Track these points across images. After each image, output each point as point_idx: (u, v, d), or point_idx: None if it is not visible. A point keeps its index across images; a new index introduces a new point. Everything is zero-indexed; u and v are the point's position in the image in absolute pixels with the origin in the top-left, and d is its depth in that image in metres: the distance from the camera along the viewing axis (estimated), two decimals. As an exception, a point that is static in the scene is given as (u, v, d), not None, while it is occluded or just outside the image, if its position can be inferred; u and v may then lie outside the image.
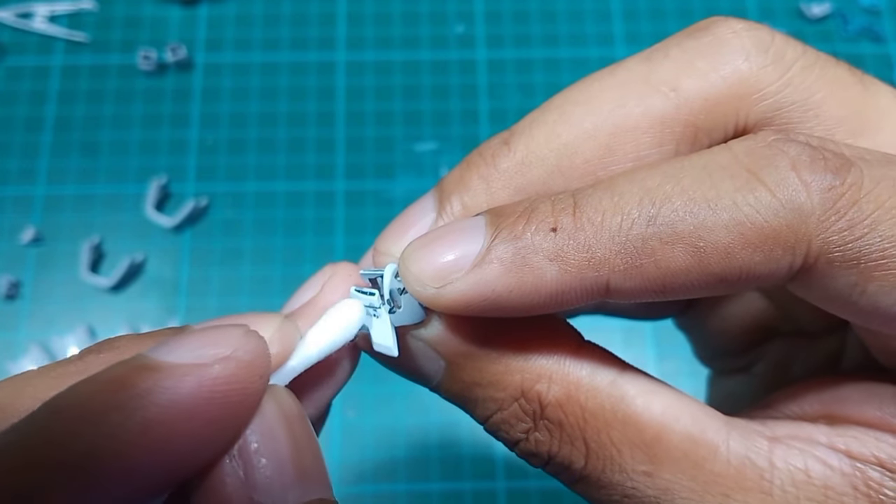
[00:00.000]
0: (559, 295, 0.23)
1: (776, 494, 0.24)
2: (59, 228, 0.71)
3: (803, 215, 0.22)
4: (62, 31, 0.77)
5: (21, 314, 0.68)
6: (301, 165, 0.73)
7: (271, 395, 0.23)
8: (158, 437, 0.19)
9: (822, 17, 0.78)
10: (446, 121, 0.75)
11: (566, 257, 0.23)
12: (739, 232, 0.22)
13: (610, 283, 0.23)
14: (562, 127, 0.27)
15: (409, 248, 0.25)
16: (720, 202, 0.22)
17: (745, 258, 0.22)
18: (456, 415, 0.66)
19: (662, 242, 0.22)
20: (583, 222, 0.23)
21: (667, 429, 0.24)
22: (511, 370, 0.25)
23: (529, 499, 0.63)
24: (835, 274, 0.22)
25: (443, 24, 0.79)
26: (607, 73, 0.28)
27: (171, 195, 0.72)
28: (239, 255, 0.70)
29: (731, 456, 0.24)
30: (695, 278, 0.23)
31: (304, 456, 0.22)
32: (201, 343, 0.21)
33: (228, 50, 0.78)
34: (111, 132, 0.74)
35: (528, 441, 0.25)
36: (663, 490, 0.24)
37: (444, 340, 0.26)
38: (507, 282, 0.23)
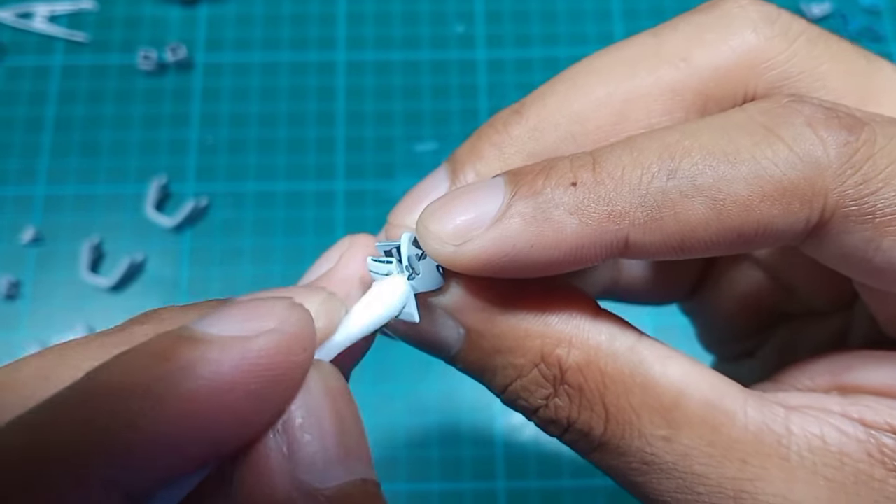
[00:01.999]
0: (579, 250, 0.23)
1: (793, 460, 0.24)
2: (59, 228, 0.71)
3: (820, 169, 0.22)
4: (62, 31, 0.77)
5: (21, 314, 0.68)
6: (301, 165, 0.73)
7: (317, 371, 0.22)
8: (201, 409, 0.19)
9: (823, 17, 0.78)
10: (446, 121, 0.75)
11: (586, 210, 0.23)
12: (758, 185, 0.22)
13: (629, 238, 0.23)
14: (574, 95, 0.27)
15: (427, 209, 0.25)
16: (739, 156, 0.22)
17: (764, 211, 0.22)
18: (456, 415, 0.66)
19: (682, 195, 0.22)
20: (602, 177, 0.23)
21: (685, 394, 0.24)
22: (531, 335, 0.25)
23: (529, 499, 0.63)
24: (850, 229, 0.23)
25: (443, 24, 0.79)
26: (617, 47, 0.28)
27: (171, 195, 0.72)
28: (239, 255, 0.70)
29: (748, 422, 0.24)
30: (713, 232, 0.23)
31: (349, 434, 0.21)
32: (246, 315, 0.21)
33: (228, 50, 0.78)
34: (111, 132, 0.74)
35: (548, 408, 0.25)
36: (682, 455, 0.24)
37: (463, 306, 0.25)
38: (528, 236, 0.23)
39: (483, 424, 0.65)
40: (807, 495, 0.24)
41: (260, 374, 0.20)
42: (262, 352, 0.20)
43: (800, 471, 0.24)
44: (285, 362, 0.21)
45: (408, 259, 0.25)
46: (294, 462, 0.20)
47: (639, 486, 0.25)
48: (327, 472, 0.20)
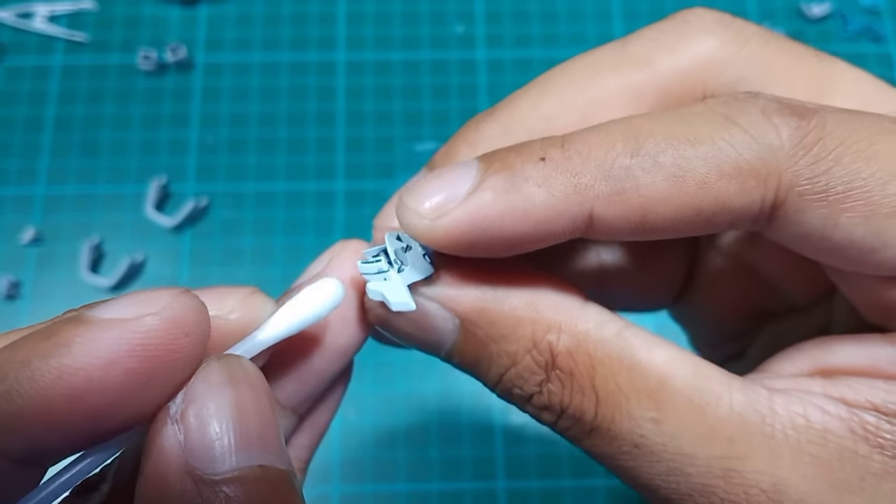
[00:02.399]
0: (546, 222, 0.24)
1: (778, 438, 0.25)
2: (59, 228, 0.71)
3: (773, 150, 0.24)
4: (62, 31, 0.77)
5: (21, 314, 0.68)
6: (301, 165, 0.73)
7: (219, 361, 0.23)
8: (75, 384, 0.20)
9: (823, 17, 0.78)
10: (446, 121, 0.75)
11: (553, 183, 0.24)
12: (716, 163, 0.24)
13: (594, 211, 0.24)
14: (543, 97, 0.30)
15: (404, 189, 0.26)
16: (698, 138, 0.24)
17: (721, 189, 0.24)
18: (456, 415, 0.66)
19: (644, 171, 0.24)
20: (570, 153, 0.25)
21: (671, 377, 0.25)
22: (522, 322, 0.26)
23: (529, 499, 0.63)
24: (806, 207, 0.24)
25: (443, 25, 0.79)
26: (587, 53, 0.30)
27: (171, 195, 0.72)
28: (239, 254, 0.70)
29: (733, 403, 0.25)
30: (673, 208, 0.24)
31: (249, 422, 0.22)
32: (135, 301, 0.22)
33: (228, 50, 0.78)
34: (111, 132, 0.74)
35: (542, 394, 0.26)
36: (671, 436, 0.25)
37: (456, 295, 0.26)
38: (499, 207, 0.24)
39: (483, 424, 0.65)
40: (792, 472, 0.24)
41: (137, 354, 0.21)
42: (139, 333, 0.21)
43: (784, 448, 0.24)
44: (164, 345, 0.22)
45: (394, 252, 0.26)
46: (187, 449, 0.21)
47: (631, 470, 0.26)
48: (219, 459, 0.21)
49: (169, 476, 0.21)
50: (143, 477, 0.22)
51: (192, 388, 0.22)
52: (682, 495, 0.25)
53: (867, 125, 0.25)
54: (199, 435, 0.21)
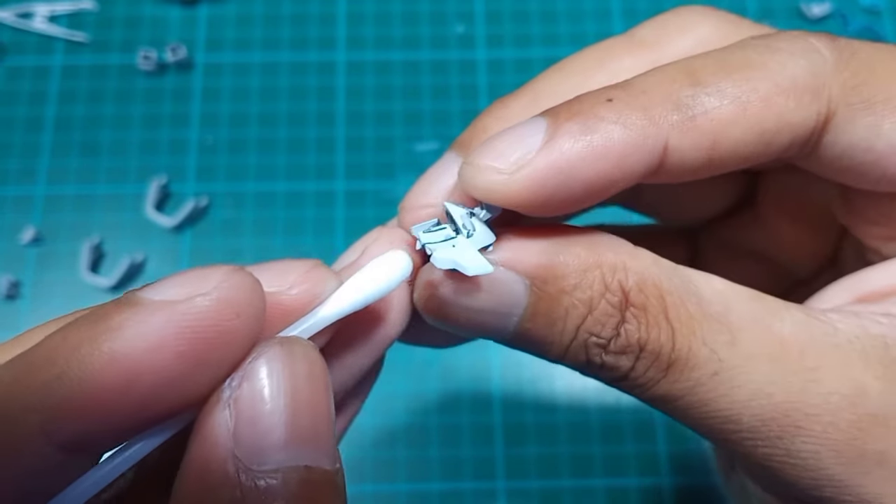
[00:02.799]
0: (626, 157, 0.25)
1: (844, 346, 0.26)
2: (59, 228, 0.71)
3: (819, 65, 0.26)
4: (62, 31, 0.77)
5: (21, 314, 0.68)
6: (301, 165, 0.73)
7: (280, 345, 0.22)
8: (125, 369, 0.20)
9: (822, 16, 0.78)
10: (446, 121, 0.75)
11: (627, 117, 0.25)
12: (774, 82, 0.25)
13: (669, 143, 0.25)
14: (562, 77, 0.30)
15: (473, 152, 0.26)
16: (751, 63, 0.26)
17: (781, 104, 0.25)
18: (456, 415, 0.66)
19: (710, 97, 0.25)
20: (635, 91, 0.25)
21: (733, 300, 0.26)
22: (590, 268, 0.26)
23: (529, 499, 0.63)
24: (854, 117, 0.26)
25: (443, 24, 0.79)
26: (593, 46, 0.32)
27: (171, 195, 0.72)
28: (239, 255, 0.70)
29: (795, 320, 0.26)
30: (741, 130, 0.25)
31: (302, 417, 0.21)
32: (184, 281, 0.21)
33: (228, 50, 0.78)
34: (111, 132, 0.74)
35: (620, 335, 0.26)
36: (747, 357, 0.25)
37: (522, 255, 0.26)
38: (579, 148, 0.24)
39: (483, 424, 0.65)
40: (866, 374, 0.25)
41: (187, 336, 0.20)
42: (187, 314, 0.21)
43: (852, 354, 0.25)
44: (215, 326, 0.21)
45: (461, 217, 0.26)
46: (235, 437, 0.20)
47: (712, 403, 0.26)
48: (266, 453, 0.20)
49: (213, 462, 0.20)
50: (187, 457, 0.21)
51: (250, 373, 0.21)
52: (765, 420, 0.25)
53: (881, 46, 0.27)
54: (250, 425, 0.21)
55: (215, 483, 0.20)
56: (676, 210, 0.37)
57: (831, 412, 0.25)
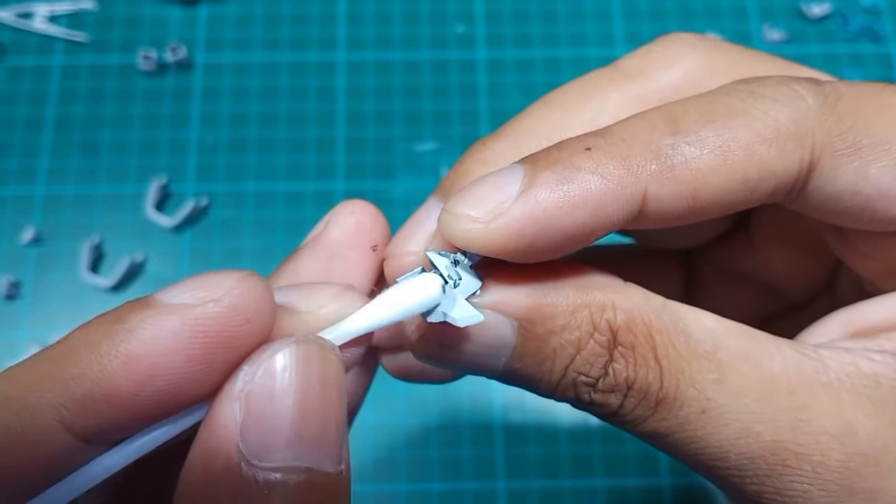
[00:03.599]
0: (603, 207, 0.24)
1: (835, 385, 0.25)
2: (59, 228, 0.71)
3: (803, 111, 0.25)
4: (62, 31, 0.77)
5: (21, 314, 0.68)
6: (301, 165, 0.73)
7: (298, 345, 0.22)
8: (140, 368, 0.21)
9: (823, 16, 0.78)
10: (446, 121, 0.75)
11: (606, 168, 0.24)
12: (756, 130, 0.25)
13: (648, 192, 0.25)
14: (546, 112, 0.30)
15: (450, 200, 0.25)
16: (733, 110, 0.25)
17: (764, 153, 0.25)
18: (456, 415, 0.66)
19: (691, 146, 0.25)
20: (614, 140, 0.25)
21: (723, 338, 0.26)
22: (578, 307, 0.26)
23: (529, 499, 0.63)
24: (839, 163, 0.25)
25: (443, 25, 0.79)
26: (579, 78, 0.31)
27: (171, 195, 0.72)
28: (239, 255, 0.70)
29: (785, 357, 0.26)
30: (722, 179, 0.25)
31: (309, 418, 0.22)
32: (199, 285, 0.22)
33: (228, 50, 0.78)
34: (111, 132, 0.74)
35: (608, 375, 0.26)
36: (735, 395, 0.25)
37: (509, 297, 0.26)
38: (556, 198, 0.24)
39: (483, 424, 0.65)
40: (857, 413, 0.25)
41: (199, 340, 0.21)
42: (199, 319, 0.22)
43: (843, 393, 0.25)
44: (225, 331, 0.22)
45: (446, 268, 0.26)
46: (242, 430, 0.21)
47: (700, 441, 0.25)
48: (269, 450, 0.21)
49: (218, 451, 0.21)
50: (194, 445, 0.22)
51: (264, 369, 0.22)
52: (753, 458, 0.25)
53: (867, 87, 0.26)
54: (257, 421, 0.21)
55: (218, 472, 0.21)
56: (670, 237, 0.37)
57: (821, 451, 0.25)
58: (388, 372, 0.33)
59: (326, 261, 0.31)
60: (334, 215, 0.32)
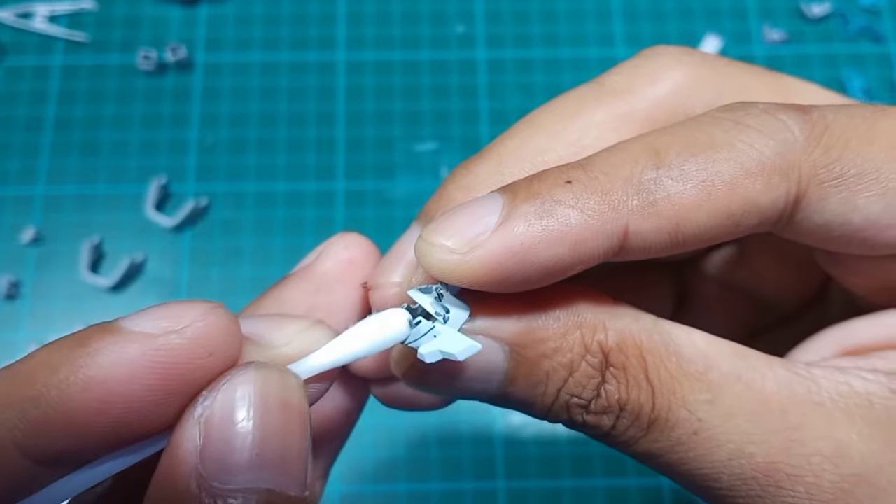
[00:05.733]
0: (582, 243, 0.24)
1: (828, 405, 0.25)
2: (59, 228, 0.71)
3: (789, 144, 0.25)
4: (62, 31, 0.77)
5: (21, 314, 0.68)
6: (301, 165, 0.73)
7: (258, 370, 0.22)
8: (98, 394, 0.21)
9: (823, 16, 0.78)
10: (446, 121, 0.75)
11: (585, 202, 0.24)
12: (740, 164, 0.24)
13: (629, 227, 0.24)
14: (530, 132, 0.30)
15: (426, 229, 0.25)
16: (717, 142, 0.25)
17: (749, 187, 0.24)
18: (455, 415, 0.66)
19: (673, 180, 0.24)
20: (595, 173, 0.24)
21: (715, 358, 0.26)
22: (569, 329, 0.25)
23: (529, 499, 0.63)
24: (826, 195, 0.25)
25: (443, 24, 0.79)
26: (566, 93, 0.31)
27: (171, 195, 0.72)
28: (239, 254, 0.70)
29: (777, 377, 0.25)
30: (705, 214, 0.24)
31: (270, 440, 0.21)
32: (164, 314, 0.22)
33: (228, 50, 0.78)
34: (111, 132, 0.74)
35: (600, 396, 0.26)
36: (727, 416, 0.25)
37: (499, 323, 0.25)
38: (534, 232, 0.23)
39: (483, 424, 0.65)
40: (850, 434, 0.25)
41: (157, 371, 0.21)
42: (159, 350, 0.21)
43: (836, 413, 0.25)
44: (185, 363, 0.22)
45: (431, 304, 0.25)
46: (202, 454, 0.21)
47: (692, 462, 0.25)
48: (230, 472, 0.21)
49: (178, 477, 0.21)
50: (156, 472, 0.22)
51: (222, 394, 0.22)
52: (745, 479, 0.25)
53: (857, 112, 0.26)
54: (216, 444, 0.21)
55: (178, 496, 0.21)
56: None
57: (814, 472, 0.24)
58: (379, 401, 0.32)
59: (313, 293, 0.31)
60: (328, 247, 0.31)
